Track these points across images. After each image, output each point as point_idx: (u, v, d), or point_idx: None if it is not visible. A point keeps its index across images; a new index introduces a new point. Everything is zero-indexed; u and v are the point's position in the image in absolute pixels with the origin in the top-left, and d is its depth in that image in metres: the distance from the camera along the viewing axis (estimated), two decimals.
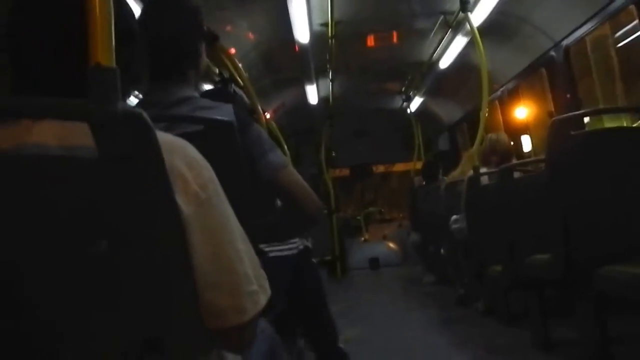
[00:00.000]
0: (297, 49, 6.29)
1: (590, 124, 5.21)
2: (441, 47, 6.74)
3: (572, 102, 5.10)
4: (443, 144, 10.16)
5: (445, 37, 6.39)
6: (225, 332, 1.06)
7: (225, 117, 1.73)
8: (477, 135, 5.12)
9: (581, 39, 5.02)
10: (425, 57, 7.28)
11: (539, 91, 6.37)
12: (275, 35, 6.09)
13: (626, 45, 5.29)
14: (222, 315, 1.03)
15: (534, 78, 6.33)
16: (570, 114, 3.40)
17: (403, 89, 9.29)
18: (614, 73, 5.38)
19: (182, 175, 0.99)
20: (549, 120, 3.17)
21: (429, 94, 9.02)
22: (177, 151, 1.01)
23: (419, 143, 9.95)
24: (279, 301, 2.66)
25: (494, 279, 4.11)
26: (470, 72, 6.94)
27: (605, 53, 5.43)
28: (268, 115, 7.14)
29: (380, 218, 12.29)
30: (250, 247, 1.09)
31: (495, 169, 4.55)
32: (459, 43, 6.38)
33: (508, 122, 7.09)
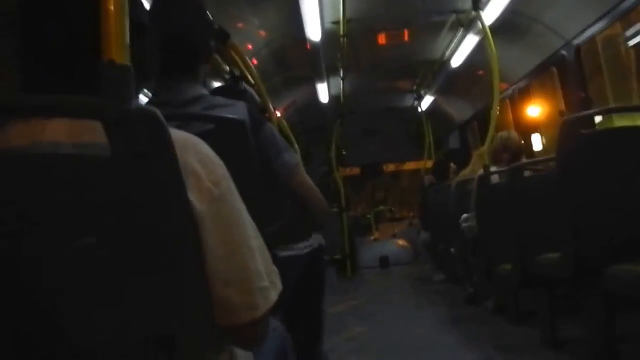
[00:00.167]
0: (308, 46, 6.30)
1: (602, 124, 5.19)
2: (453, 46, 6.74)
3: (583, 101, 5.08)
4: (453, 142, 10.14)
5: (457, 36, 6.39)
6: (237, 329, 1.06)
7: (238, 115, 1.73)
8: (487, 134, 5.11)
9: (592, 37, 5.01)
10: (436, 55, 7.28)
11: (549, 90, 6.36)
12: (287, 33, 6.09)
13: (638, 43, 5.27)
14: (234, 311, 1.03)
15: (544, 77, 6.31)
16: (580, 113, 3.39)
17: (414, 87, 9.28)
18: (625, 72, 5.36)
19: (195, 172, 0.99)
20: (560, 119, 3.17)
21: (440, 92, 9.00)
22: (190, 148, 1.01)
23: (430, 141, 9.93)
24: (288, 299, 2.65)
25: (504, 278, 4.10)
26: (481, 71, 6.93)
27: (616, 52, 5.41)
28: (279, 113, 7.15)
29: (391, 217, 12.29)
30: (262, 243, 1.09)
31: (506, 166, 4.55)
32: (471, 41, 6.37)
33: (519, 121, 7.07)
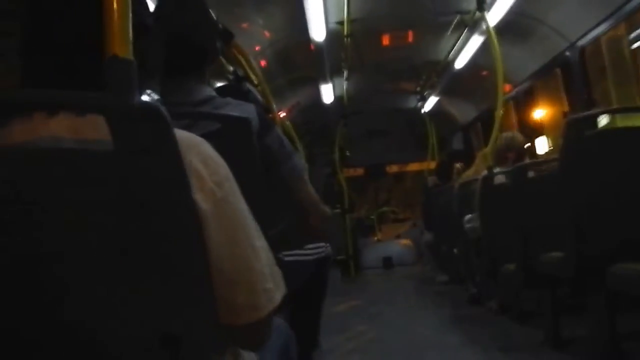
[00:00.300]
0: (312, 47, 6.30)
1: (607, 126, 5.18)
2: (457, 47, 6.74)
3: (587, 103, 5.09)
4: (457, 143, 10.14)
5: (461, 37, 6.39)
6: (241, 329, 1.06)
7: (247, 116, 1.72)
8: (491, 135, 5.11)
9: (596, 39, 5.01)
10: (440, 56, 7.27)
11: (554, 92, 6.35)
12: (291, 34, 6.10)
13: None
14: (237, 312, 1.03)
15: (549, 78, 6.31)
16: (583, 113, 3.40)
17: (418, 88, 9.28)
18: (629, 74, 5.36)
19: (198, 172, 0.99)
20: (564, 121, 3.18)
21: (443, 93, 9.00)
22: (193, 148, 1.01)
23: (433, 143, 9.94)
24: (291, 302, 2.63)
25: (507, 278, 4.11)
26: (485, 72, 6.93)
27: (620, 54, 5.41)
28: (283, 114, 7.16)
29: (394, 218, 12.30)
30: (265, 244, 1.09)
31: (511, 166, 4.56)
32: (475, 43, 6.38)
33: (523, 123, 7.06)
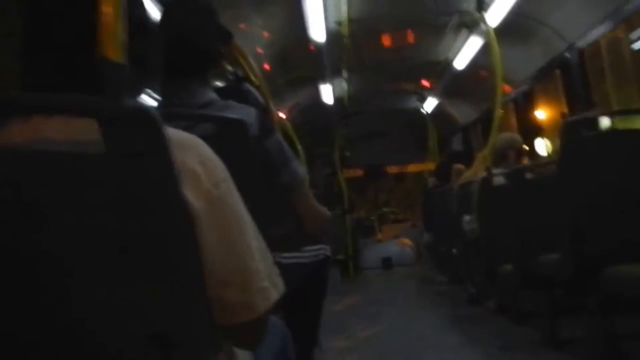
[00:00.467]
0: (312, 48, 6.31)
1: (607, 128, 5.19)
2: (457, 47, 6.75)
3: (586, 104, 5.10)
4: (457, 144, 10.15)
5: (461, 37, 6.39)
6: (236, 328, 1.07)
7: (247, 119, 1.72)
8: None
9: (596, 41, 5.02)
10: (440, 57, 7.29)
11: (553, 93, 6.36)
12: (290, 34, 6.10)
13: None
14: (232, 311, 1.03)
15: (549, 80, 6.32)
16: (581, 115, 3.41)
17: (418, 89, 9.29)
18: (628, 75, 5.37)
19: (195, 173, 0.99)
20: (562, 122, 3.19)
21: (443, 94, 9.00)
22: (190, 149, 1.01)
23: (434, 144, 9.95)
24: (289, 302, 2.61)
25: (505, 278, 4.12)
26: (486, 73, 6.93)
27: (619, 55, 5.42)
28: (283, 115, 7.17)
29: (394, 218, 12.30)
30: (263, 244, 1.09)
31: (513, 164, 4.59)
32: (475, 43, 6.38)
33: (523, 124, 7.05)
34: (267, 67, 6.42)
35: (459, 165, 7.35)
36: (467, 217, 5.01)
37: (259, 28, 5.83)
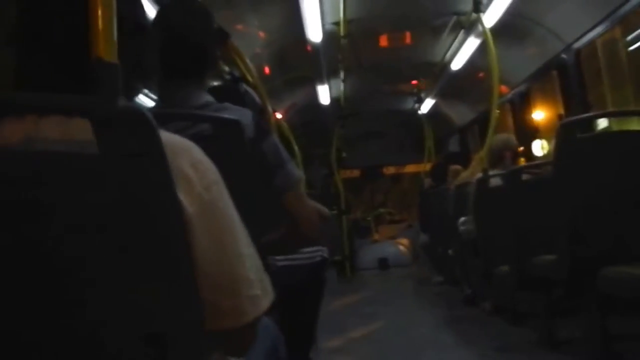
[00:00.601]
0: (309, 48, 6.31)
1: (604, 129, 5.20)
2: (453, 48, 6.74)
3: (582, 105, 5.10)
4: (454, 145, 10.15)
5: (458, 38, 6.39)
6: (225, 334, 1.07)
7: (242, 120, 1.72)
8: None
9: (592, 42, 5.03)
10: (437, 58, 7.28)
11: (550, 94, 6.36)
12: (287, 34, 6.09)
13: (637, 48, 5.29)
14: (222, 316, 1.03)
15: (545, 81, 6.32)
16: (577, 116, 3.41)
17: (415, 90, 9.28)
18: (624, 77, 5.38)
19: (186, 176, 0.99)
20: (558, 124, 3.20)
21: (440, 95, 9.00)
22: (181, 152, 1.01)
23: (430, 144, 9.95)
24: (283, 305, 2.59)
25: (502, 279, 4.13)
26: (483, 74, 6.94)
27: (616, 56, 5.43)
28: (280, 115, 7.16)
29: (390, 219, 12.31)
30: (253, 250, 1.09)
31: (510, 165, 4.61)
32: (472, 44, 6.38)
33: (519, 125, 7.05)
34: (264, 67, 6.42)
35: (456, 166, 7.33)
36: (462, 219, 5.02)
37: (256, 28, 5.82)
